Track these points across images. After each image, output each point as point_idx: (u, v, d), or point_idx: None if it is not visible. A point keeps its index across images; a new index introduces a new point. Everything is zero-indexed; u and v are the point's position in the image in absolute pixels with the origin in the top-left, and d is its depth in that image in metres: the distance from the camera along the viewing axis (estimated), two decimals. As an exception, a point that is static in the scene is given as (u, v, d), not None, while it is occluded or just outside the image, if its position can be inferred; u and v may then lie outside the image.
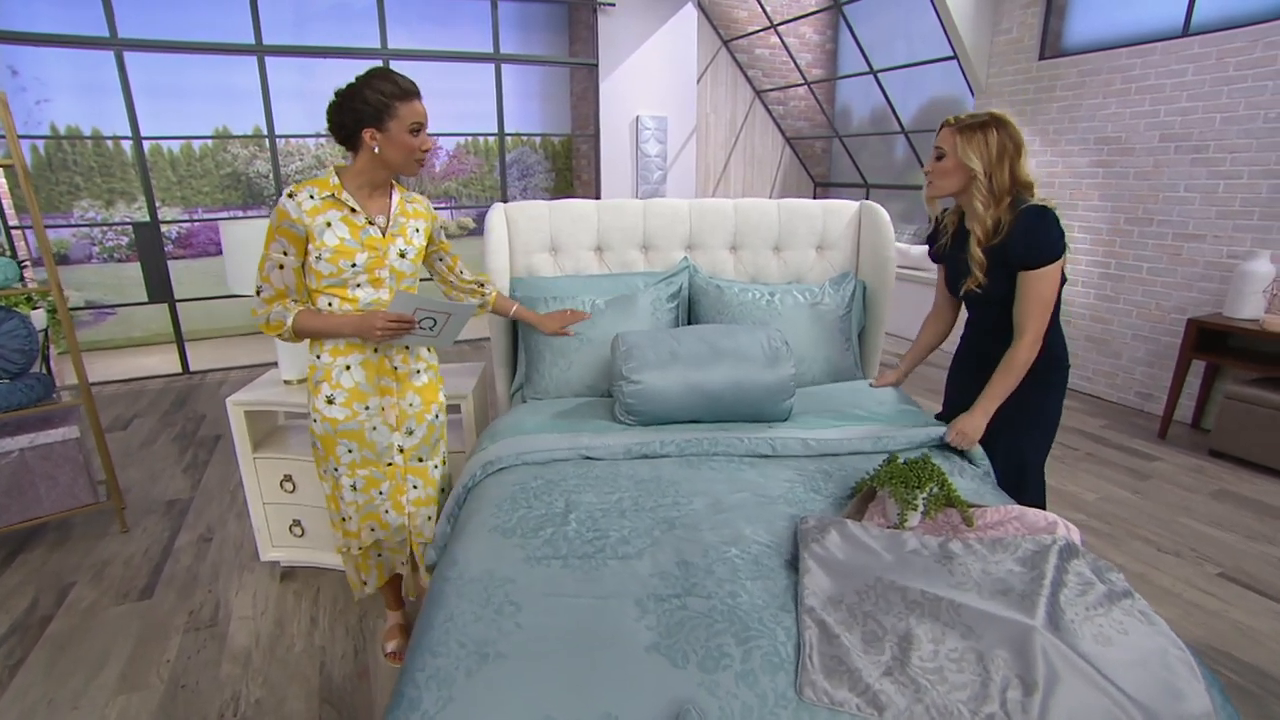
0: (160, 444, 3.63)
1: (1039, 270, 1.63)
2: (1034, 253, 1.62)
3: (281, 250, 1.57)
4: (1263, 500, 3.00)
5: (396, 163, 1.59)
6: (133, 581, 2.44)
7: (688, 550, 1.27)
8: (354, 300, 1.62)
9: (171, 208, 6.01)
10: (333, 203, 1.57)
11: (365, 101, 1.52)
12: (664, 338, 1.88)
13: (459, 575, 1.23)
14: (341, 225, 1.57)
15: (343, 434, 1.70)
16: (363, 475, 1.77)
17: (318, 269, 1.58)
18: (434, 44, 5.35)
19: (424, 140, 1.60)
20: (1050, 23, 4.43)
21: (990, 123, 1.66)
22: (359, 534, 1.86)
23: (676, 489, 1.52)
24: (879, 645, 1.05)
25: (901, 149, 6.47)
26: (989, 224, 1.69)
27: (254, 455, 2.35)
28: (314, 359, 1.69)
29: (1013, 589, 1.15)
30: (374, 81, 1.52)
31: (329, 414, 1.68)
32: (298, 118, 5.62)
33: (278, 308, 1.60)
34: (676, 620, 1.08)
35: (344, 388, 1.67)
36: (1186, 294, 3.82)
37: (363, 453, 1.74)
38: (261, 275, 1.60)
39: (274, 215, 1.57)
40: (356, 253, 1.58)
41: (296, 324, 1.59)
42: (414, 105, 1.56)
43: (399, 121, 1.54)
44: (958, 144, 1.68)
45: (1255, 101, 3.47)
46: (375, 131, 1.54)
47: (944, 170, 1.73)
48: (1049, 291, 1.64)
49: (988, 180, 1.66)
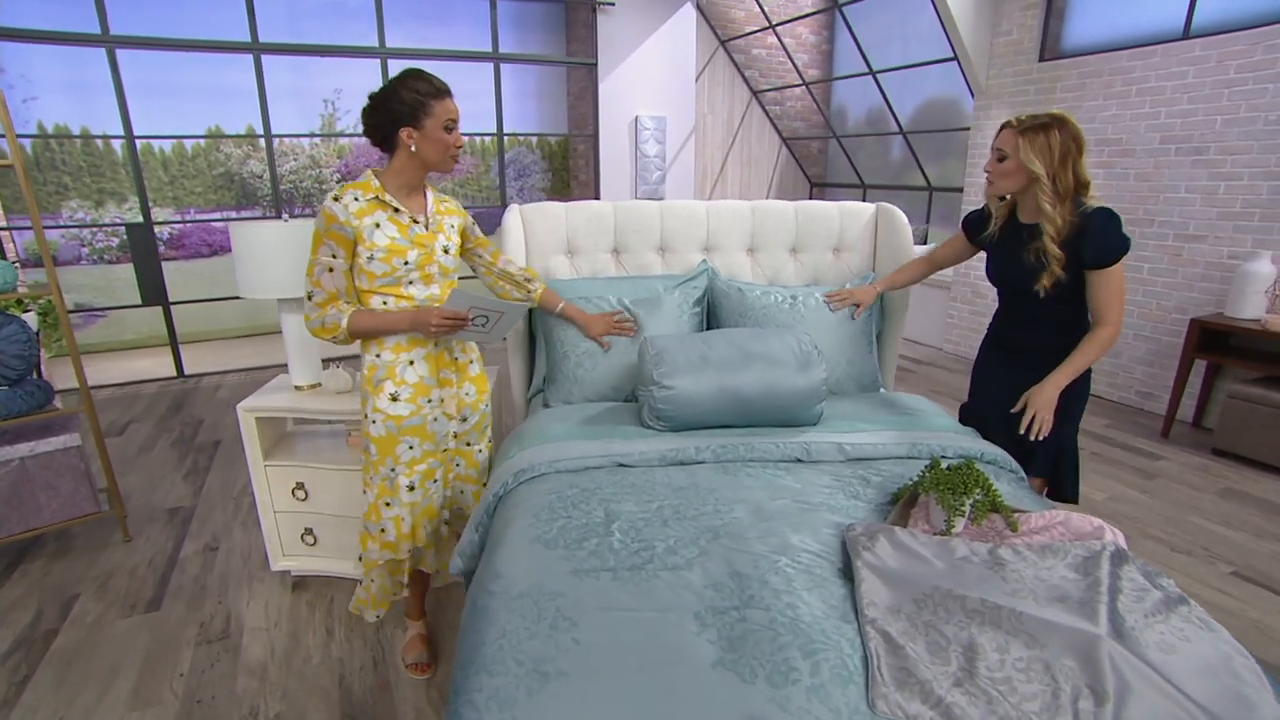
0: (159, 450, 3.55)
1: (1114, 266, 1.71)
2: (1108, 253, 1.69)
3: (330, 254, 1.60)
4: (1269, 499, 3.03)
5: (433, 160, 1.62)
6: (139, 593, 2.38)
7: (738, 560, 1.25)
8: (410, 298, 1.66)
9: (163, 208, 5.89)
10: (377, 204, 1.61)
11: (401, 101, 1.56)
12: (694, 342, 1.86)
13: (505, 589, 1.20)
14: (390, 225, 1.61)
15: (406, 431, 1.72)
16: (421, 471, 1.78)
17: (370, 269, 1.61)
18: (429, 43, 5.29)
19: (457, 137, 1.64)
20: (1050, 24, 4.46)
21: (1052, 123, 1.68)
22: (413, 534, 1.84)
23: (716, 496, 1.50)
24: (944, 655, 1.04)
25: (898, 149, 6.50)
26: (1059, 222, 1.71)
27: (265, 463, 2.30)
28: (373, 358, 1.70)
29: (1070, 596, 1.14)
30: (408, 81, 1.56)
31: (393, 411, 1.70)
32: (291, 117, 5.53)
33: (332, 310, 1.62)
34: (738, 634, 1.06)
35: (409, 383, 1.70)
36: (1187, 294, 3.86)
37: (424, 446, 1.77)
38: (312, 280, 1.62)
39: (320, 220, 1.59)
40: (408, 250, 1.62)
41: (352, 325, 1.62)
42: (447, 103, 1.60)
43: (434, 119, 1.58)
44: (1020, 146, 1.69)
45: (1256, 104, 3.51)
46: (412, 130, 1.58)
47: (1005, 172, 1.76)
48: (1122, 281, 1.75)
49: (1051, 181, 1.68)
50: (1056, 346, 1.83)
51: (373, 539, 1.82)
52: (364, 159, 6.65)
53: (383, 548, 1.82)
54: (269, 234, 2.20)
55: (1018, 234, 1.84)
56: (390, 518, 1.80)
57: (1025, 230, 1.82)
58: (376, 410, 1.70)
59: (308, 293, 1.63)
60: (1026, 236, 1.80)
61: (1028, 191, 1.76)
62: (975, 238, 2.02)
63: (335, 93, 5.82)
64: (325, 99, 5.80)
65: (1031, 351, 1.87)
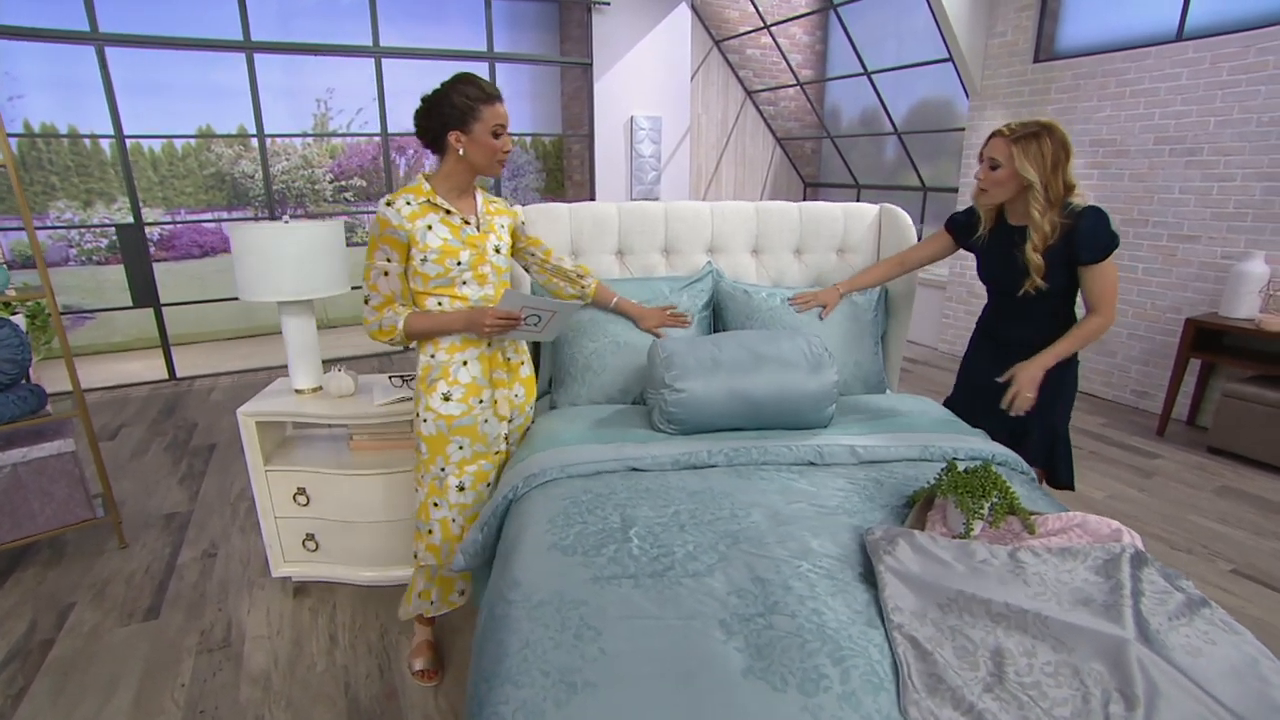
0: (152, 454, 3.50)
1: (1107, 261, 1.78)
2: (1099, 250, 1.76)
3: (385, 257, 1.64)
4: (1265, 496, 3.06)
5: (480, 164, 1.65)
6: (137, 601, 2.34)
7: (759, 566, 1.24)
8: (464, 298, 1.70)
9: (153, 209, 5.80)
10: (429, 207, 1.64)
11: (451, 105, 1.59)
12: (704, 344, 1.85)
13: (525, 598, 1.18)
14: (442, 227, 1.64)
15: (456, 430, 1.75)
16: (472, 472, 1.80)
17: (424, 271, 1.64)
18: (422, 42, 5.24)
19: (505, 142, 1.67)
20: (1044, 26, 4.49)
21: (1043, 131, 1.73)
22: (461, 538, 1.83)
23: (731, 500, 1.48)
24: (972, 660, 1.03)
25: (892, 150, 6.52)
26: (1046, 230, 1.76)
27: (266, 468, 2.26)
28: (427, 358, 1.74)
29: (1093, 599, 1.14)
30: (459, 86, 1.59)
31: (445, 411, 1.72)
32: (283, 117, 5.47)
33: (389, 313, 1.67)
34: (765, 641, 1.05)
35: (461, 383, 1.73)
36: (1181, 294, 3.90)
37: (474, 447, 1.79)
38: (369, 284, 1.67)
39: (375, 225, 1.64)
40: (460, 251, 1.65)
41: (408, 326, 1.66)
42: (496, 108, 1.62)
43: (483, 124, 1.60)
44: (1014, 155, 1.76)
45: (1248, 106, 3.55)
46: (461, 134, 1.61)
47: (998, 180, 1.81)
48: (1115, 275, 1.82)
49: (1044, 189, 1.73)
50: (1046, 342, 1.88)
51: (421, 539, 1.86)
52: (356, 159, 6.60)
53: (428, 549, 1.85)
54: (269, 236, 2.17)
55: (1008, 236, 1.89)
56: (438, 519, 1.82)
57: (1016, 232, 1.87)
58: (429, 409, 1.73)
59: (365, 297, 1.68)
60: (1018, 239, 1.85)
61: (1020, 198, 1.82)
62: (962, 239, 2.07)
63: (328, 92, 5.77)
64: (318, 98, 5.74)
65: (1021, 345, 1.92)
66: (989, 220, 1.95)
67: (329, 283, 2.27)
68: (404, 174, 6.18)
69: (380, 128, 4.80)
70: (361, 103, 5.23)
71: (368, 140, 6.40)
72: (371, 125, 4.96)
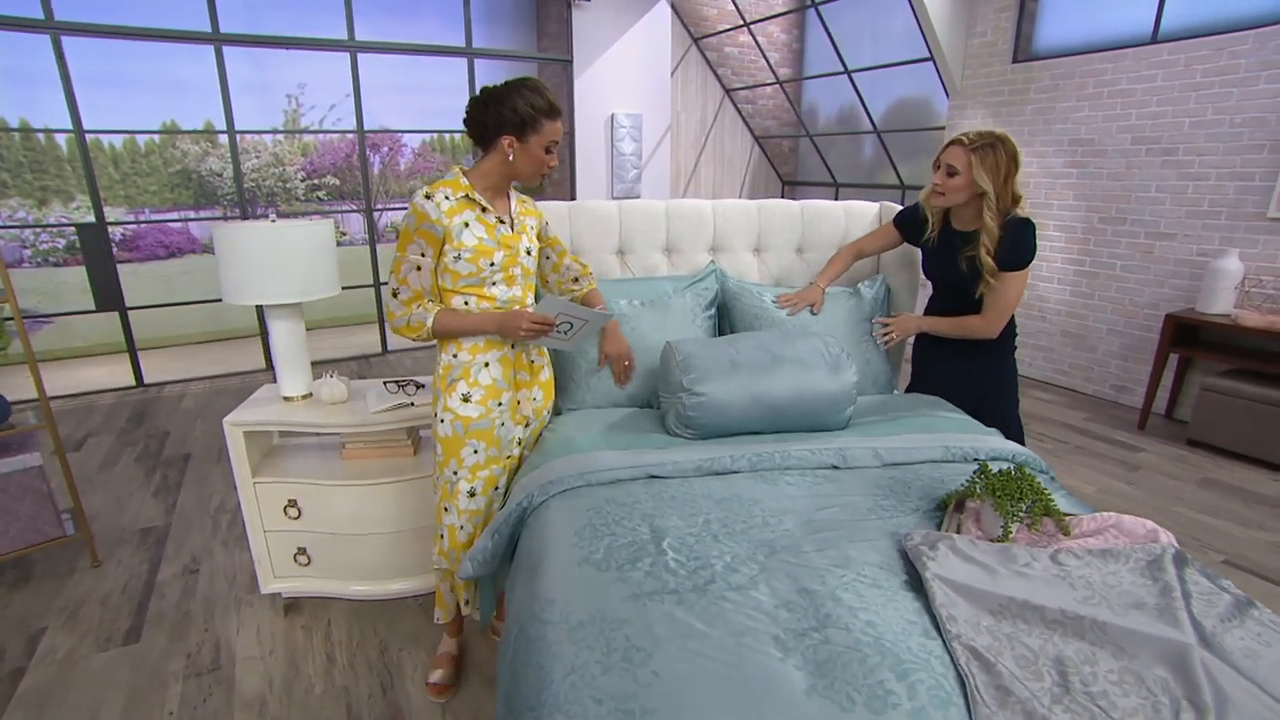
0: (122, 465, 3.33)
1: (1015, 274, 1.89)
2: (1014, 259, 1.87)
3: (419, 251, 1.58)
4: (1246, 488, 3.14)
5: (525, 173, 1.63)
6: (115, 623, 2.20)
7: (802, 576, 1.20)
8: (492, 298, 1.65)
9: (114, 207, 5.53)
10: (467, 203, 1.60)
11: (514, 110, 1.55)
12: (720, 346, 1.80)
13: (562, 618, 1.12)
14: (478, 225, 1.60)
15: (473, 433, 1.70)
16: (483, 477, 1.75)
17: (455, 269, 1.60)
18: (394, 36, 5.10)
19: (554, 157, 1.65)
20: (1023, 27, 4.55)
21: (998, 143, 1.82)
22: (469, 545, 1.78)
23: (760, 507, 1.44)
24: (1035, 670, 1.01)
25: (870, 148, 6.58)
26: (996, 235, 1.87)
27: (254, 480, 2.15)
28: (449, 358, 1.69)
29: (1145, 603, 1.12)
30: (526, 93, 1.55)
31: (463, 412, 1.68)
32: (252, 112, 5.27)
33: (418, 309, 1.61)
34: (824, 657, 1.01)
35: (481, 385, 1.69)
36: (1159, 290, 3.99)
37: (488, 451, 1.74)
38: (399, 278, 1.60)
39: (412, 218, 1.57)
40: (494, 251, 1.61)
41: (436, 324, 1.61)
42: (556, 125, 1.60)
43: (540, 136, 1.58)
44: (972, 163, 1.83)
45: (1221, 107, 3.64)
46: (516, 140, 1.57)
47: (956, 187, 1.89)
48: (1016, 292, 1.93)
49: (996, 199, 1.82)
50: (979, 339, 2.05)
51: (436, 542, 1.82)
52: (330, 157, 6.40)
53: (439, 554, 1.80)
54: (257, 236, 2.06)
55: (952, 240, 2.00)
56: (447, 525, 1.76)
57: (959, 237, 1.98)
58: (447, 409, 1.69)
59: (393, 290, 1.62)
60: (960, 243, 1.97)
61: (969, 204, 1.92)
62: (908, 235, 2.19)
63: (299, 88, 5.57)
64: (288, 94, 5.54)
65: (960, 340, 2.08)
66: (937, 224, 2.05)
67: (321, 285, 2.16)
68: (378, 172, 6.00)
69: (356, 124, 4.64)
70: (334, 99, 5.07)
71: (340, 137, 6.21)
72: (345, 122, 4.79)
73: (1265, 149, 3.50)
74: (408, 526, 2.22)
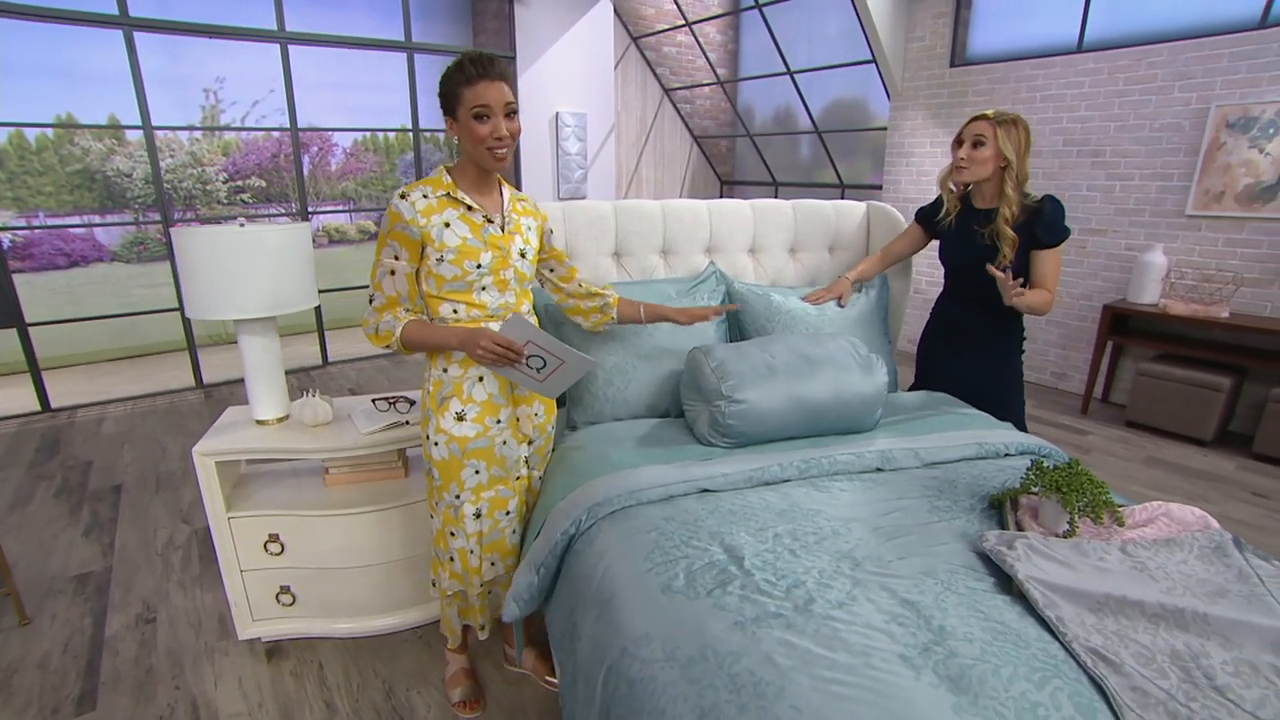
0: (39, 503, 2.93)
1: (1057, 249, 1.97)
2: (1057, 234, 1.94)
3: (393, 255, 1.46)
4: (1184, 464, 3.40)
5: (472, 154, 1.46)
6: (61, 690, 1.92)
7: (899, 588, 1.16)
8: (482, 305, 1.52)
9: (1, 210, 4.89)
10: (449, 201, 1.47)
11: (441, 90, 1.44)
12: (752, 350, 1.75)
13: (668, 656, 1.04)
14: (461, 224, 1.47)
15: (471, 454, 1.57)
16: (488, 498, 1.63)
17: (439, 273, 1.47)
18: (323, 28, 4.77)
19: (494, 126, 1.41)
20: (958, 33, 4.76)
21: (1018, 119, 1.91)
22: (480, 569, 1.65)
23: (823, 517, 1.40)
24: (1157, 667, 1.01)
25: (807, 147, 6.73)
26: (1016, 207, 1.94)
27: (228, 515, 1.93)
28: (439, 374, 1.55)
29: (1228, 590, 1.15)
30: (450, 67, 1.42)
31: (459, 433, 1.55)
32: (165, 107, 4.78)
33: (388, 317, 1.49)
34: (955, 672, 0.97)
35: (477, 402, 1.55)
36: (1093, 283, 4.27)
37: (491, 471, 1.61)
38: (374, 283, 1.50)
39: (386, 219, 1.46)
40: (481, 252, 1.48)
41: (405, 335, 1.48)
42: (478, 88, 1.39)
43: (464, 108, 1.41)
44: (998, 135, 1.91)
45: (1142, 113, 3.93)
46: (452, 120, 1.45)
47: (982, 158, 1.96)
48: (1061, 260, 2.03)
49: (1016, 171, 1.91)
50: (996, 323, 2.11)
51: (443, 566, 1.68)
52: (254, 156, 5.92)
53: (451, 577, 1.67)
54: (224, 243, 1.84)
55: (974, 218, 2.06)
56: (456, 549, 1.63)
57: (981, 215, 2.04)
58: (440, 431, 1.55)
59: (369, 296, 1.51)
60: (982, 220, 2.03)
61: (991, 179, 1.98)
62: (929, 227, 2.22)
63: (218, 81, 5.09)
64: (206, 88, 5.06)
65: (974, 330, 2.13)
66: (954, 209, 2.11)
67: (298, 296, 1.97)
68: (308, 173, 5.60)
69: (289, 121, 4.30)
70: (258, 94, 4.68)
71: (266, 136, 5.71)
72: (271, 119, 4.44)
73: (1181, 152, 3.80)
74: (399, 556, 2.05)
